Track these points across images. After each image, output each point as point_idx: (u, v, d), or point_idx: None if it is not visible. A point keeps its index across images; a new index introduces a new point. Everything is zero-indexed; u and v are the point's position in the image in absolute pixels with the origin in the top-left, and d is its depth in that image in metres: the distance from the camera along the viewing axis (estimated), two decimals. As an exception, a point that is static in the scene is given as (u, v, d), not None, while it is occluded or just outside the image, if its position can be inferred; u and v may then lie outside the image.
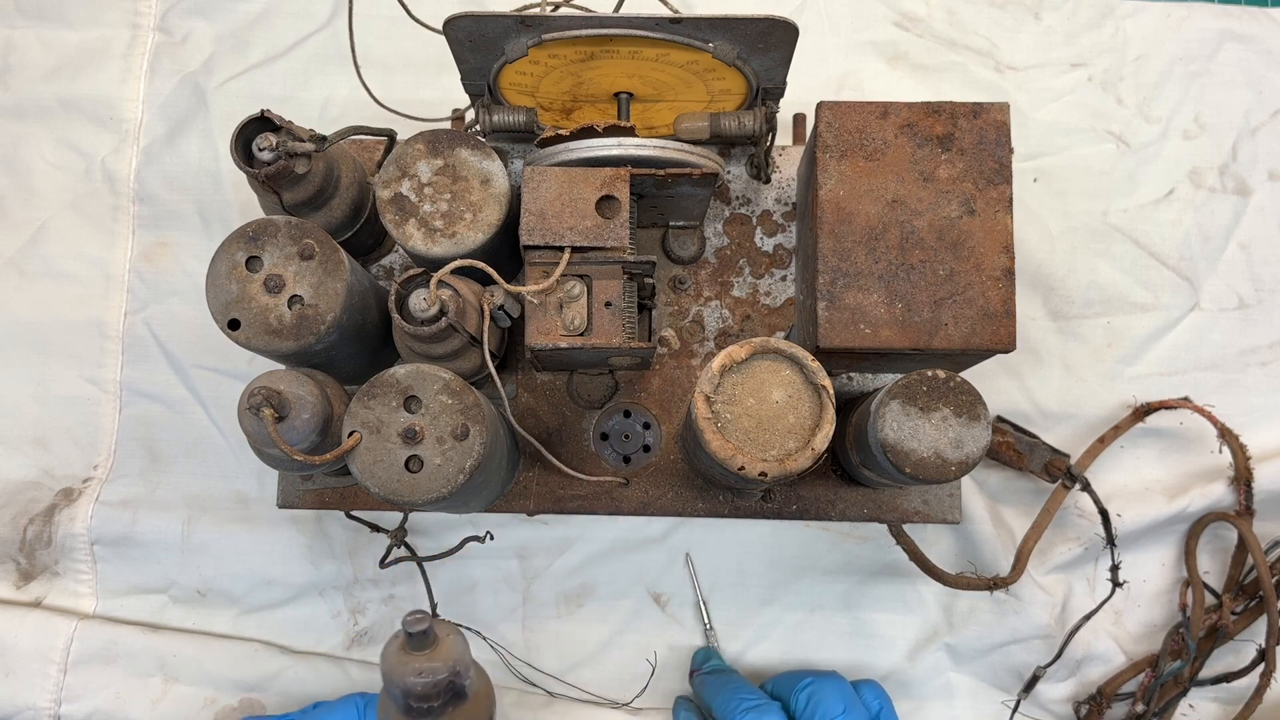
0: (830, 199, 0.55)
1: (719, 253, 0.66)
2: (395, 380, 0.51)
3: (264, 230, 0.52)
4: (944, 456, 0.50)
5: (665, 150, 0.57)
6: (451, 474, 0.50)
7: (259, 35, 0.78)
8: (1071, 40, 0.78)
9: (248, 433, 0.50)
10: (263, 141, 0.53)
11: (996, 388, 0.74)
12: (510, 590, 0.74)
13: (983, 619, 0.73)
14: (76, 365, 0.75)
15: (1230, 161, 0.77)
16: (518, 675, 0.72)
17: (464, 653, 0.50)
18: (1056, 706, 0.73)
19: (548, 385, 0.65)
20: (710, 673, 0.68)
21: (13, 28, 0.78)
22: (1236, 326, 0.75)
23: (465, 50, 0.57)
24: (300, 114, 0.66)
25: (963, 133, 0.55)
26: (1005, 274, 0.54)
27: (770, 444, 0.50)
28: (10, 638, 0.70)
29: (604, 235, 0.54)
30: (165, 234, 0.76)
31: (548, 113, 0.63)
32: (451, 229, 0.56)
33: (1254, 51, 0.78)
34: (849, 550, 0.74)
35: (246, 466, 0.74)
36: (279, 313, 0.52)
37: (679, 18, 0.54)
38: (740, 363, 0.51)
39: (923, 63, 0.78)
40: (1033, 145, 0.77)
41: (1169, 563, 0.74)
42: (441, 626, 0.50)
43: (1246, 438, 0.71)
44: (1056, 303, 0.75)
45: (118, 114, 0.77)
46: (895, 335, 0.54)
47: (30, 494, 0.74)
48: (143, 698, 0.71)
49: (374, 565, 0.72)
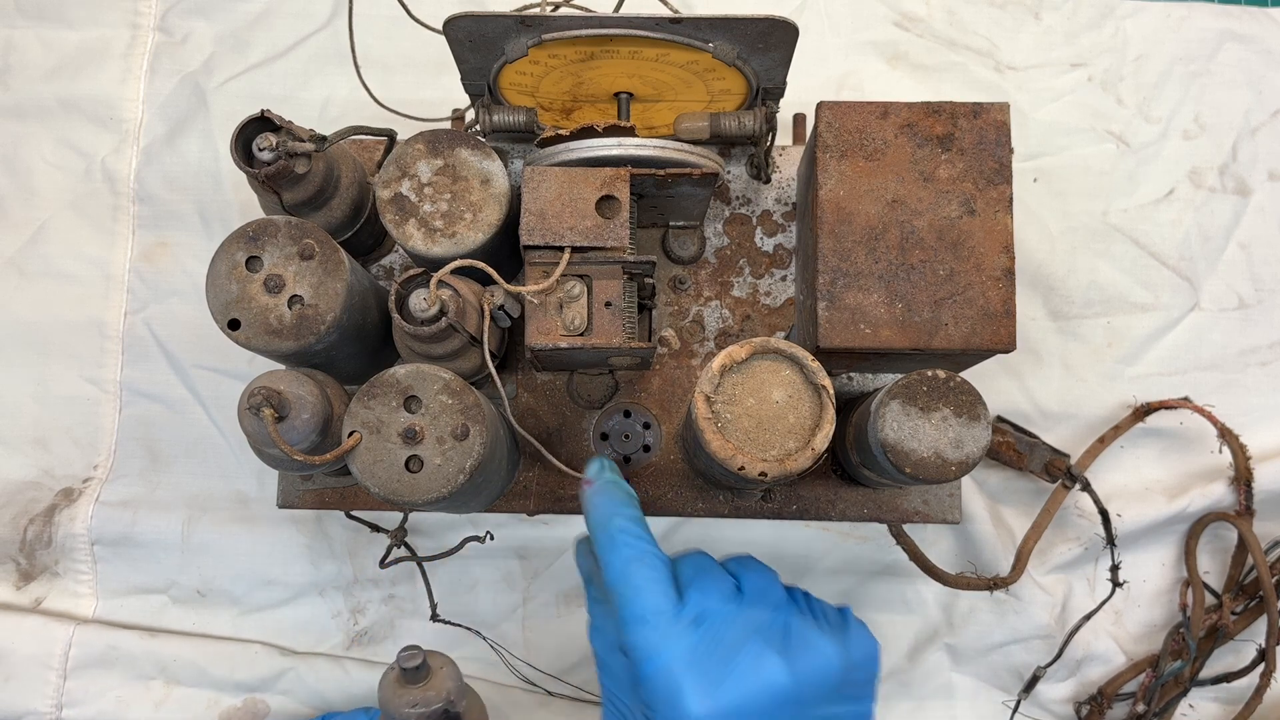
0: (830, 199, 0.55)
1: (719, 253, 0.66)
2: (395, 380, 0.51)
3: (264, 230, 0.52)
4: (944, 456, 0.50)
5: (665, 150, 0.57)
6: (451, 474, 0.50)
7: (259, 35, 0.78)
8: (1071, 40, 0.78)
9: (248, 433, 0.50)
10: (263, 141, 0.53)
11: (996, 388, 0.74)
12: (510, 590, 0.74)
13: (983, 619, 0.73)
14: (76, 365, 0.75)
15: (1230, 161, 0.77)
16: (518, 675, 0.72)
17: (457, 683, 0.53)
18: (1057, 706, 0.73)
19: (548, 385, 0.65)
20: (601, 491, 0.55)
21: (13, 28, 0.78)
22: (1236, 326, 0.75)
23: (465, 50, 0.57)
24: (300, 114, 0.65)
25: (963, 133, 0.55)
26: (1005, 274, 0.54)
27: (770, 444, 0.50)
28: (9, 643, 0.70)
29: (604, 235, 0.54)
30: (165, 234, 0.76)
31: (548, 113, 0.63)
32: (451, 229, 0.56)
33: (1254, 51, 0.78)
34: (849, 550, 0.74)
35: (246, 466, 0.74)
36: (279, 313, 0.52)
37: (679, 18, 0.54)
38: (740, 363, 0.51)
39: (923, 63, 0.78)
40: (1033, 145, 0.77)
41: (1169, 563, 0.74)
42: (434, 659, 0.53)
43: (1246, 438, 0.71)
44: (1056, 303, 0.75)
45: (118, 114, 0.77)
46: (895, 335, 0.54)
47: (30, 494, 0.74)
48: (145, 701, 0.71)
49: (374, 565, 0.72)
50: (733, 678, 0.48)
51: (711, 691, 0.48)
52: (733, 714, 0.48)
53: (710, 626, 0.50)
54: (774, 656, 0.49)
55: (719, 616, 0.50)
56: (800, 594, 0.55)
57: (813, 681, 0.50)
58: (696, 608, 0.50)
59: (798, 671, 0.49)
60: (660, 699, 0.48)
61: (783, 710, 0.49)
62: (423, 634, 0.73)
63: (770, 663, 0.49)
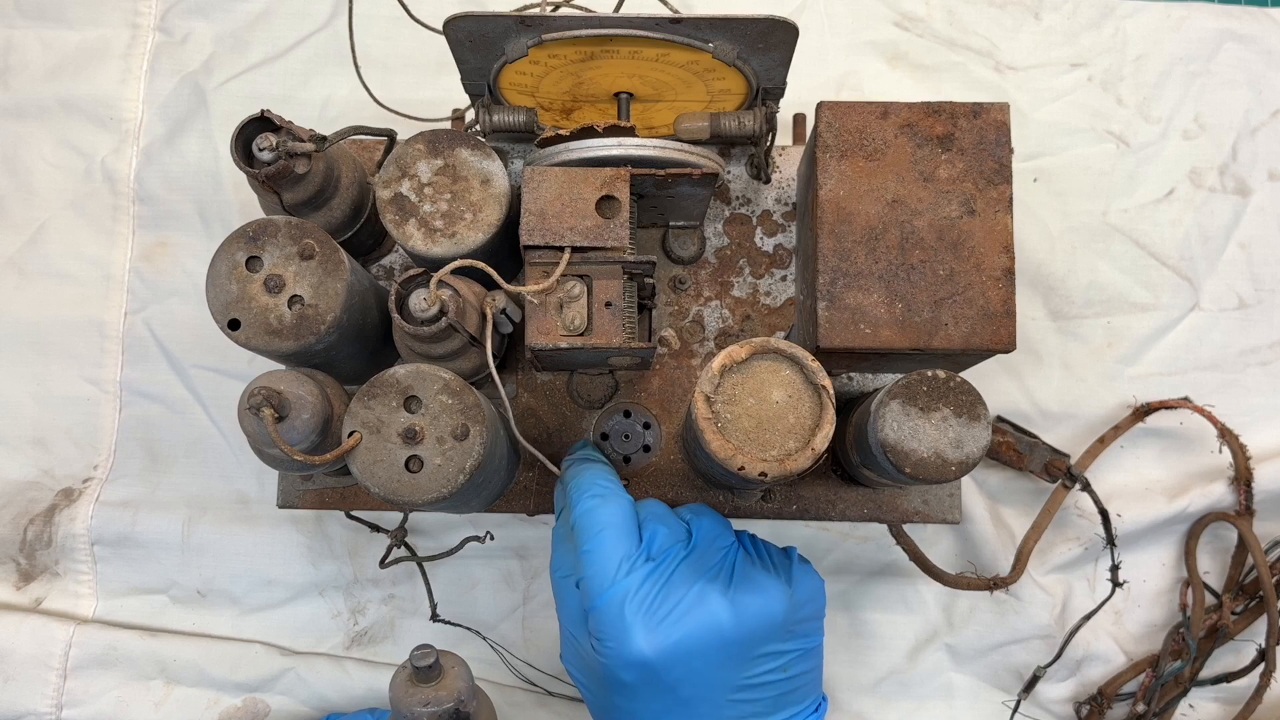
0: (830, 199, 0.55)
1: (719, 253, 0.66)
2: (395, 380, 0.51)
3: (264, 230, 0.52)
4: (944, 456, 0.50)
5: (665, 150, 0.57)
6: (451, 474, 0.50)
7: (259, 35, 0.78)
8: (1071, 40, 0.78)
9: (248, 433, 0.50)
10: (263, 141, 0.53)
11: (996, 388, 0.74)
12: (510, 590, 0.74)
13: (983, 619, 0.73)
14: (76, 365, 0.75)
15: (1230, 161, 0.77)
16: (518, 675, 0.72)
17: (468, 683, 0.53)
18: (1057, 707, 0.73)
19: (548, 385, 0.65)
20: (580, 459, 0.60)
21: (13, 28, 0.78)
22: (1236, 326, 0.75)
23: (465, 50, 0.57)
24: (300, 114, 0.66)
25: (963, 133, 0.55)
26: (1005, 274, 0.54)
27: (770, 444, 0.50)
28: (9, 643, 0.70)
29: (604, 235, 0.54)
30: (165, 234, 0.76)
31: (548, 113, 0.63)
32: (451, 229, 0.56)
33: (1254, 51, 0.78)
34: (849, 550, 0.74)
35: (246, 466, 0.74)
36: (279, 313, 0.52)
37: (679, 18, 0.54)
38: (740, 363, 0.51)
39: (923, 63, 0.78)
40: (1033, 145, 0.77)
41: (1169, 563, 0.74)
42: (446, 659, 0.53)
43: (1246, 438, 0.71)
44: (1056, 303, 0.75)
45: (118, 114, 0.77)
46: (895, 335, 0.54)
47: (30, 494, 0.74)
48: (145, 701, 0.71)
49: (374, 565, 0.72)
50: (675, 615, 0.51)
51: (656, 629, 0.51)
52: (677, 650, 0.51)
53: (660, 567, 0.52)
54: (717, 596, 0.52)
55: (669, 558, 0.53)
56: (748, 537, 0.58)
57: (757, 618, 0.53)
58: (648, 549, 0.53)
59: (741, 609, 0.53)
60: (609, 633, 0.51)
61: (727, 648, 0.53)
62: (423, 634, 0.73)
63: (714, 602, 0.52)
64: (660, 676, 0.51)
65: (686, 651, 0.51)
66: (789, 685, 0.56)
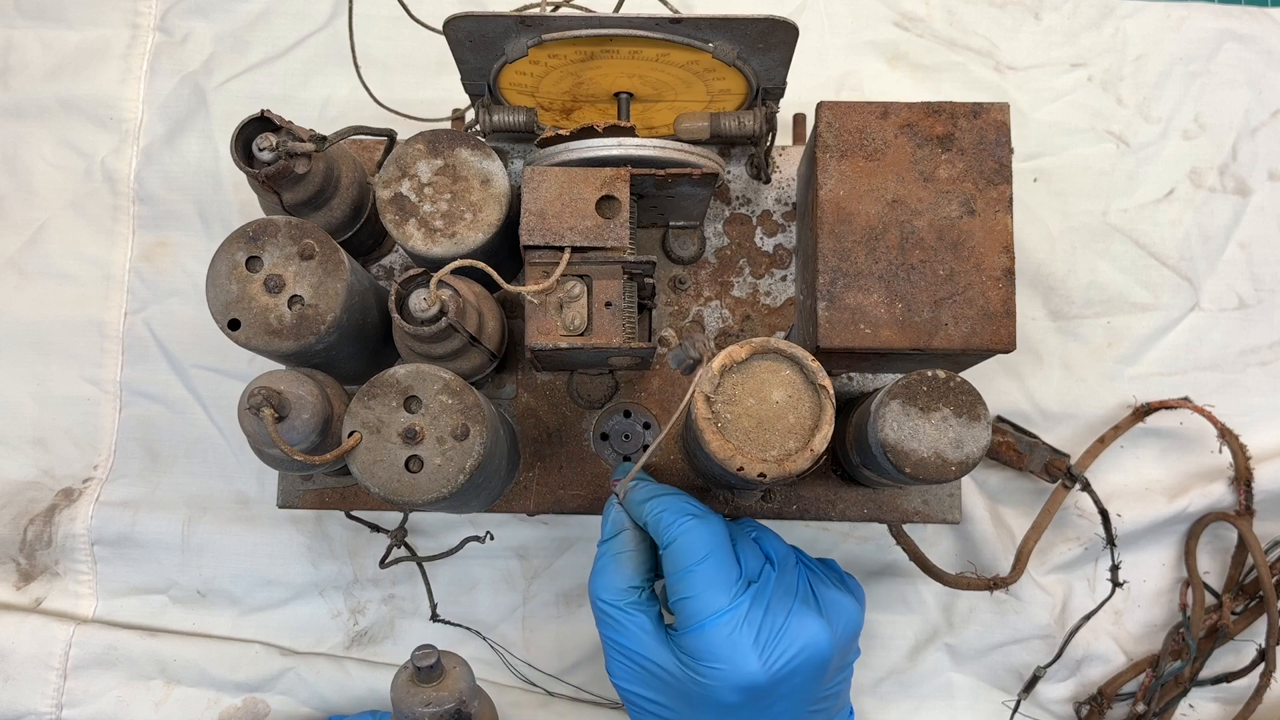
0: (830, 199, 0.55)
1: (719, 253, 0.66)
2: (395, 380, 0.51)
3: (264, 230, 0.52)
4: (944, 456, 0.50)
5: (665, 150, 0.57)
6: (451, 474, 0.50)
7: (259, 35, 0.78)
8: (1071, 40, 0.78)
9: (248, 433, 0.50)
10: (263, 141, 0.53)
11: (996, 388, 0.74)
12: (510, 590, 0.74)
13: (983, 619, 0.73)
14: (76, 365, 0.75)
15: (1230, 161, 0.77)
16: (518, 675, 0.72)
17: (470, 684, 0.54)
18: (1057, 707, 0.73)
19: (548, 385, 0.65)
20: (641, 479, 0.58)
21: (13, 28, 0.78)
22: (1236, 326, 0.75)
23: (465, 50, 0.57)
24: (300, 114, 0.66)
25: (963, 133, 0.55)
26: (1005, 274, 0.54)
27: (770, 444, 0.50)
28: (9, 643, 0.70)
29: (604, 235, 0.54)
30: (165, 234, 0.76)
31: (548, 113, 0.63)
32: (451, 229, 0.56)
33: (1254, 51, 0.78)
34: (849, 550, 0.74)
35: (246, 466, 0.74)
36: (279, 313, 0.52)
37: (679, 18, 0.54)
38: (740, 363, 0.51)
39: (923, 63, 0.78)
40: (1033, 145, 0.77)
41: (1169, 563, 0.74)
42: (448, 659, 0.53)
43: (1246, 438, 0.71)
44: (1056, 303, 0.75)
45: (118, 114, 0.77)
46: (895, 335, 0.54)
47: (30, 494, 0.74)
48: (145, 701, 0.71)
49: (374, 565, 0.72)
50: (785, 638, 0.52)
51: (768, 651, 0.52)
52: (784, 671, 0.52)
53: (762, 590, 0.53)
54: (814, 616, 0.53)
55: (765, 579, 0.54)
56: (798, 552, 0.59)
57: (845, 634, 0.55)
58: (747, 572, 0.54)
59: (835, 630, 0.54)
60: (720, 656, 0.51)
61: (824, 666, 0.54)
62: (423, 634, 0.73)
63: (813, 623, 0.53)
64: (765, 697, 0.52)
65: (792, 672, 0.52)
66: (842, 695, 0.58)
